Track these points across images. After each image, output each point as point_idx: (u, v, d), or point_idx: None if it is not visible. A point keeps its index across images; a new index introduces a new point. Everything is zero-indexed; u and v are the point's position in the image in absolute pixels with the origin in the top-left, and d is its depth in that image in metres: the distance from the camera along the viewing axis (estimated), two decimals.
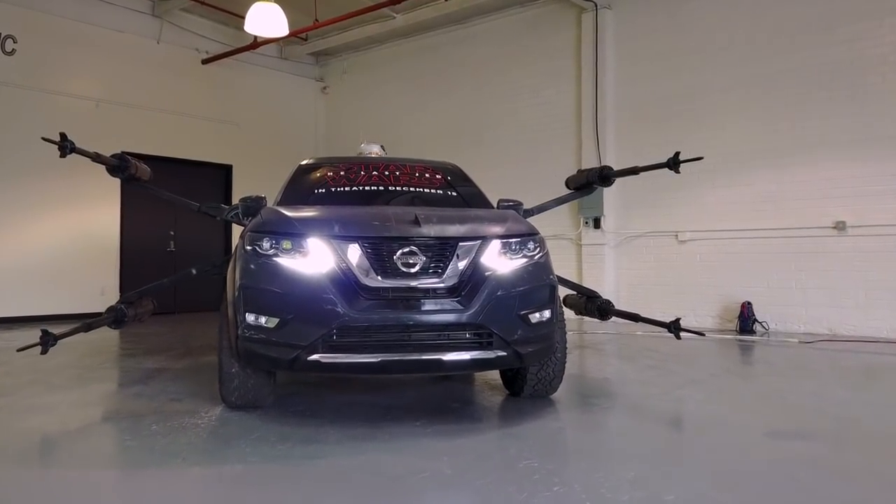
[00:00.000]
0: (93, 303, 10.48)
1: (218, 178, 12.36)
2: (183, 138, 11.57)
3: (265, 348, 3.59)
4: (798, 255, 8.34)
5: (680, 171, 5.38)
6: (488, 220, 4.07)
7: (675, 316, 5.35)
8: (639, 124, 9.67)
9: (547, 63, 10.56)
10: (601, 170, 6.50)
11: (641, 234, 9.62)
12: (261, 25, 9.27)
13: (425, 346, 3.55)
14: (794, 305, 8.35)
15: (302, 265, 3.61)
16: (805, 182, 8.30)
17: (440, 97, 11.95)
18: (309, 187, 5.00)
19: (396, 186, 4.99)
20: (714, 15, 9.00)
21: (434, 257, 3.67)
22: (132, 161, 6.07)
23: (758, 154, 8.64)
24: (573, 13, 10.25)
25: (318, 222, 3.82)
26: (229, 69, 12.02)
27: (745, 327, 8.40)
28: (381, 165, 5.29)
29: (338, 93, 13.59)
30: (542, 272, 3.91)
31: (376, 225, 3.73)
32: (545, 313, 3.85)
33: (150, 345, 7.25)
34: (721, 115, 8.94)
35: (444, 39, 11.83)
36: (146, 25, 11.07)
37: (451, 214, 4.12)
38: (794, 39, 8.36)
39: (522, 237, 3.95)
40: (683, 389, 4.82)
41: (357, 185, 4.93)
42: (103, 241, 10.70)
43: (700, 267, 9.11)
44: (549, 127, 10.56)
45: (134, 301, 6.06)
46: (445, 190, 5.13)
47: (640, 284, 9.66)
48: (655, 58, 9.50)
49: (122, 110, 10.81)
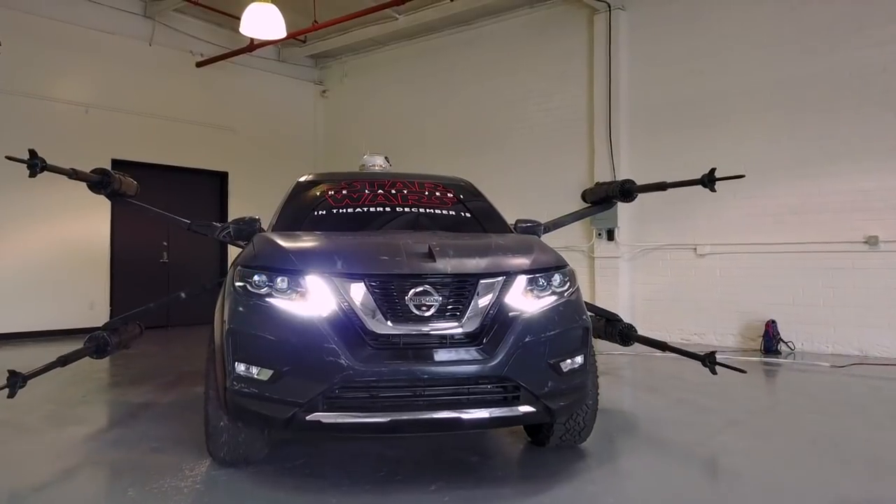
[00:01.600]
0: (81, 318, 10.02)
1: (213, 186, 11.88)
2: (176, 145, 11.08)
3: (257, 404, 3.12)
4: (826, 271, 7.86)
5: (716, 190, 4.89)
6: (511, 250, 3.59)
7: (693, 333, 4.89)
8: (654, 130, 9.20)
9: (557, 66, 10.09)
10: (622, 184, 6.03)
11: (657, 247, 9.15)
12: (257, 27, 8.80)
13: (441, 402, 3.08)
14: (822, 324, 7.88)
15: (299, 307, 3.14)
16: (833, 194, 7.82)
17: (444, 101, 11.47)
18: (308, 207, 4.52)
19: (404, 206, 4.51)
20: (735, 16, 8.52)
21: (451, 297, 3.20)
22: (116, 175, 5.60)
23: (782, 164, 8.17)
24: (585, 14, 9.77)
25: (318, 256, 3.35)
26: (225, 72, 11.54)
27: (769, 347, 7.93)
28: (387, 182, 4.82)
29: (338, 96, 13.11)
30: (574, 312, 3.44)
31: (384, 260, 3.26)
32: (578, 359, 3.38)
33: (138, 369, 6.77)
34: (742, 122, 8.46)
35: (449, 41, 11.35)
36: (137, 27, 10.58)
37: (469, 244, 3.64)
38: (822, 42, 7.89)
39: (550, 271, 3.48)
40: (723, 434, 4.35)
41: (361, 206, 4.46)
42: (92, 253, 10.21)
43: (720, 282, 8.64)
44: (559, 133, 10.08)
45: (118, 327, 5.60)
46: (458, 210, 4.66)
47: (655, 299, 9.18)
48: (672, 61, 9.02)
49: (113, 116, 10.33)
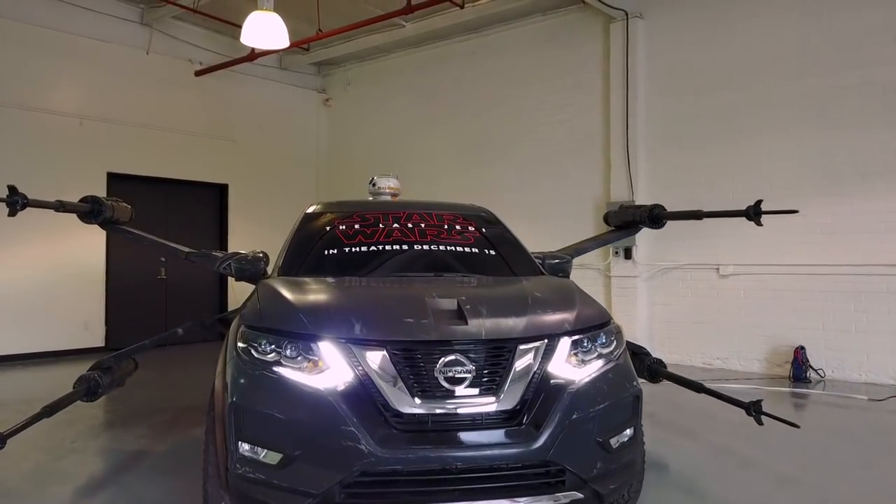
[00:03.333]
0: (75, 339, 9.63)
1: (212, 199, 11.46)
2: (174, 156, 10.67)
3: (264, 492, 2.70)
4: (858, 294, 7.46)
5: (762, 224, 4.48)
6: (550, 304, 3.18)
7: (715, 358, 4.47)
8: (674, 144, 8.79)
9: (571, 76, 9.68)
10: (651, 209, 5.64)
11: (677, 267, 8.74)
12: (259, 37, 8.37)
13: (476, 491, 2.67)
14: (854, 351, 7.48)
15: (312, 380, 2.73)
16: (866, 214, 7.42)
17: (452, 111, 11.06)
18: (318, 246, 4.10)
19: (423, 244, 4.10)
20: (761, 25, 8.11)
21: (486, 367, 2.79)
22: (107, 203, 5.20)
23: (811, 181, 7.76)
24: (600, 22, 9.36)
25: (333, 317, 2.93)
26: (224, 80, 11.13)
27: (798, 375, 7.52)
28: (402, 215, 4.41)
29: (341, 105, 12.69)
30: (623, 378, 3.04)
31: (409, 323, 2.84)
32: (628, 432, 2.98)
33: (134, 403, 6.35)
34: (768, 137, 8.06)
35: (458, 49, 10.94)
36: (134, 35, 10.16)
37: (502, 297, 3.24)
38: (855, 53, 7.47)
39: (595, 329, 3.07)
40: (779, 497, 3.93)
41: (376, 244, 4.04)
42: (86, 271, 9.78)
43: (744, 305, 8.22)
44: (573, 145, 9.67)
45: (111, 365, 5.20)
46: (481, 247, 4.24)
47: (675, 321, 8.77)
48: (693, 72, 8.61)
49: (108, 127, 9.92)
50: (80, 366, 9.41)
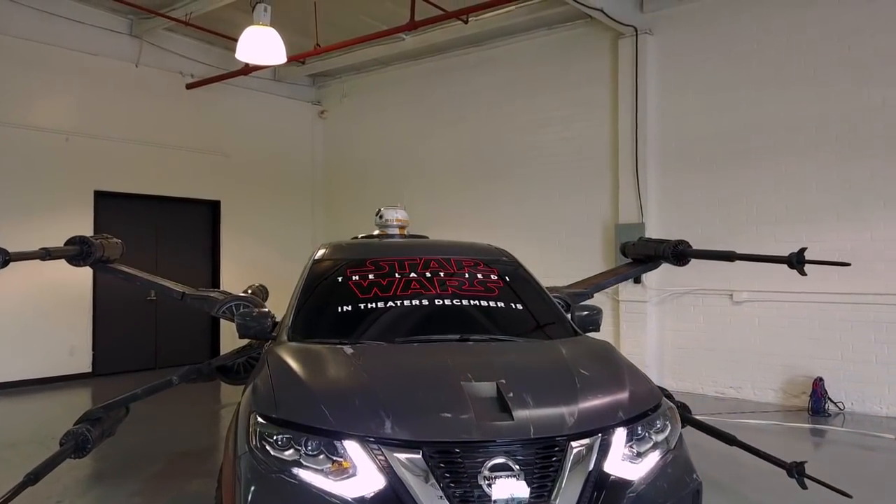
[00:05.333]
0: (60, 365, 9.25)
1: (204, 216, 11.07)
2: (164, 173, 10.27)
3: None
4: (878, 324, 7.21)
5: (806, 273, 4.18)
6: (600, 385, 2.84)
7: (728, 387, 4.18)
8: (686, 166, 8.50)
9: (578, 92, 9.36)
10: (676, 245, 5.34)
11: (689, 292, 8.45)
12: (255, 52, 8.01)
13: None
14: (874, 383, 7.22)
15: (338, 487, 2.39)
16: (888, 241, 7.17)
17: (453, 125, 10.72)
18: (331, 302, 3.75)
19: (444, 298, 3.76)
20: (778, 44, 7.83)
21: (536, 470, 2.45)
22: (95, 242, 4.84)
23: (830, 206, 7.50)
24: (608, 38, 9.05)
25: (360, 412, 2.58)
26: (217, 93, 10.73)
27: (818, 409, 7.26)
28: (419, 261, 4.07)
29: (337, 117, 12.32)
30: (683, 470, 2.73)
31: (447, 420, 2.51)
32: None
33: (123, 448, 5.90)
34: (785, 159, 7.79)
35: (458, 62, 10.60)
36: (123, 47, 9.76)
37: (545, 376, 2.91)
38: (876, 74, 7.21)
39: (650, 414, 2.75)
40: None
41: (394, 299, 3.70)
42: (72, 293, 9.36)
43: (759, 333, 7.95)
44: (579, 164, 9.36)
45: (101, 416, 4.85)
46: (507, 300, 3.91)
47: (687, 348, 8.49)
48: (706, 89, 8.32)
49: (95, 143, 9.52)
50: (66, 394, 9.13)
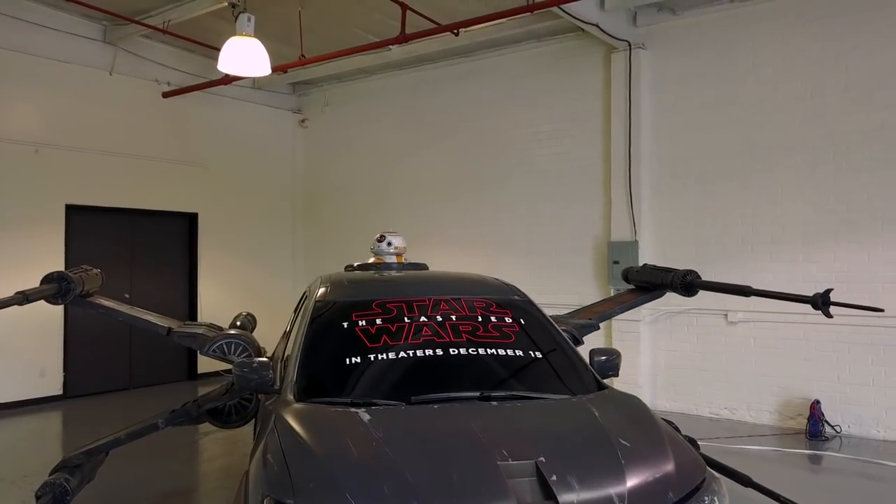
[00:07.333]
0: (30, 387, 8.82)
1: (181, 229, 10.67)
2: (140, 185, 9.86)
3: None
4: (876, 347, 7.14)
5: (832, 315, 4.02)
6: (643, 458, 2.61)
7: (723, 408, 4.08)
8: (680, 182, 8.37)
9: (569, 107, 9.18)
10: (685, 275, 5.17)
11: (683, 311, 8.31)
12: (238, 64, 7.66)
13: None
14: (871, 406, 7.16)
15: None
16: (887, 263, 7.10)
17: (439, 137, 10.47)
18: (337, 352, 3.48)
19: (459, 347, 3.51)
20: (775, 62, 7.72)
21: None
22: (74, 276, 4.50)
23: (827, 227, 7.42)
24: (600, 52, 8.88)
25: (389, 500, 2.32)
26: (194, 102, 10.34)
27: (814, 431, 7.17)
28: (428, 303, 3.83)
29: (318, 127, 11.98)
30: None
31: None
32: None
33: (101, 492, 5.43)
34: (782, 179, 7.69)
35: (445, 73, 10.36)
36: (96, 54, 9.33)
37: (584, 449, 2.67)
38: (874, 95, 7.14)
39: (699, 491, 2.54)
40: None
41: (405, 349, 3.45)
42: (43, 311, 8.69)
43: (755, 353, 7.85)
44: (571, 179, 9.17)
45: (81, 463, 4.53)
46: (524, 347, 3.66)
47: (680, 368, 8.36)
48: (701, 107, 8.20)
49: (67, 155, 9.09)
50: (36, 419, 8.67)
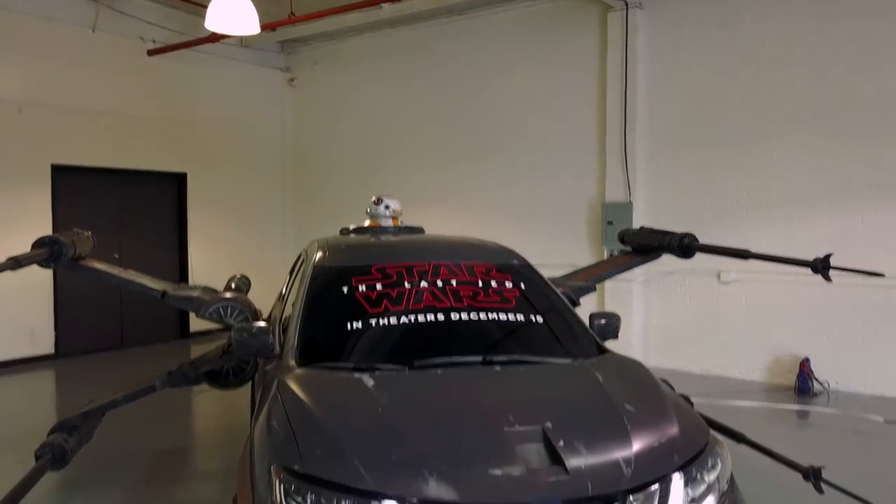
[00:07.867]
0: (20, 347, 8.80)
1: (170, 189, 10.54)
2: (126, 145, 9.69)
3: None
4: (865, 308, 7.23)
5: (831, 279, 4.05)
6: (649, 423, 2.60)
7: (715, 366, 4.09)
8: (676, 146, 8.34)
9: (564, 68, 9.06)
10: (682, 238, 5.17)
11: (675, 271, 8.33)
12: (226, 22, 7.45)
13: None
14: (859, 364, 7.29)
15: None
16: (880, 227, 7.15)
17: (432, 98, 10.33)
18: (338, 317, 3.45)
19: (460, 311, 3.49)
20: (774, 28, 7.63)
21: None
22: (65, 240, 4.42)
23: (823, 191, 7.44)
24: (597, 11, 8.73)
25: (400, 469, 2.29)
26: (180, 60, 10.11)
27: (803, 388, 7.33)
28: (428, 268, 3.80)
29: (308, 86, 11.78)
30: None
31: (497, 478, 2.26)
32: None
33: (101, 449, 5.41)
34: (778, 143, 7.68)
35: (438, 31, 10.16)
36: (78, 11, 9.06)
37: (590, 414, 2.68)
38: (874, 60, 7.10)
39: (703, 454, 2.57)
40: None
41: (406, 313, 3.43)
42: (32, 271, 8.75)
43: (746, 313, 7.94)
44: (566, 142, 9.11)
45: (78, 424, 4.54)
46: (525, 311, 3.65)
47: (673, 328, 8.46)
48: (698, 69, 8.12)
49: (51, 115, 8.89)
50: (28, 378, 8.66)
